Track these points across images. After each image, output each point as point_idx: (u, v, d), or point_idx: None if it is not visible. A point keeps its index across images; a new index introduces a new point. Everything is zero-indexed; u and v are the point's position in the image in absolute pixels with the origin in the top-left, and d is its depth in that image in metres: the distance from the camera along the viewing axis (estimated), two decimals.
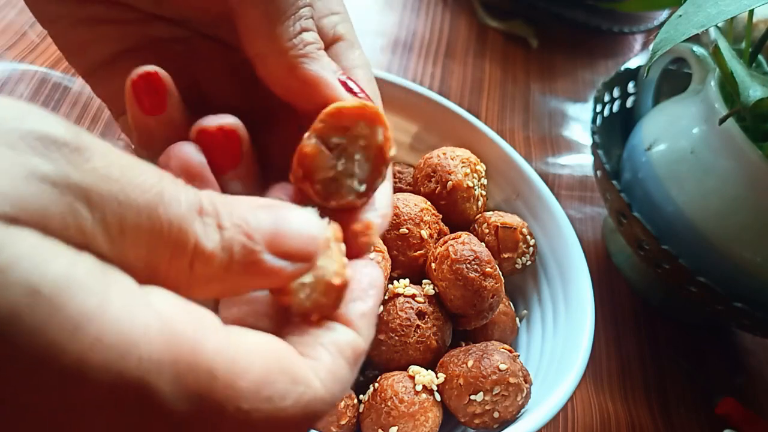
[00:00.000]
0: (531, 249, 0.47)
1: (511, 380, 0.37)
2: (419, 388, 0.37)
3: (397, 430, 0.36)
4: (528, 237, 0.47)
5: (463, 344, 0.41)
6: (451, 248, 0.40)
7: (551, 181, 0.69)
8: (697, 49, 0.56)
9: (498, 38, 0.84)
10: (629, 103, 0.65)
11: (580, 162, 0.73)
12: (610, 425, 0.52)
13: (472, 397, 0.37)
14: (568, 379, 0.38)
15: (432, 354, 0.39)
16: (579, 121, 0.79)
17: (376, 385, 0.38)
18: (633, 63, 0.84)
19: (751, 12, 0.53)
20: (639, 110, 0.63)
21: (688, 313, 0.61)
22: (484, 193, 0.49)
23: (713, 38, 0.53)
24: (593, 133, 0.59)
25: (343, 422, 0.36)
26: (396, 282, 0.40)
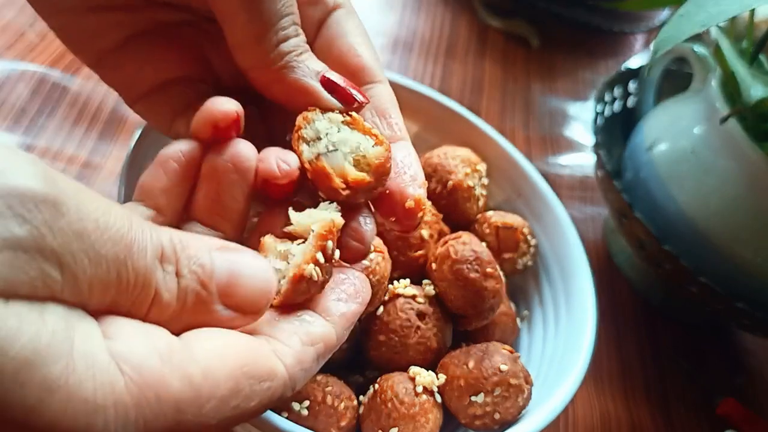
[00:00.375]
0: (532, 249, 0.47)
1: (512, 381, 0.36)
2: (420, 389, 0.37)
3: (398, 431, 0.36)
4: (529, 237, 0.47)
5: (464, 345, 0.41)
6: (451, 248, 0.40)
7: (552, 181, 0.68)
8: (699, 48, 0.56)
9: (498, 38, 0.84)
10: (630, 102, 0.65)
11: (580, 162, 0.73)
12: (610, 425, 0.52)
13: (472, 398, 0.36)
14: (569, 381, 0.38)
15: (432, 355, 0.39)
16: (580, 121, 0.79)
17: (376, 386, 0.38)
18: (634, 62, 0.83)
19: (752, 11, 0.52)
20: (640, 110, 0.63)
21: (689, 313, 0.61)
22: (484, 193, 0.48)
23: (714, 38, 0.53)
24: (594, 132, 0.59)
25: (343, 423, 0.36)
26: (396, 282, 0.40)
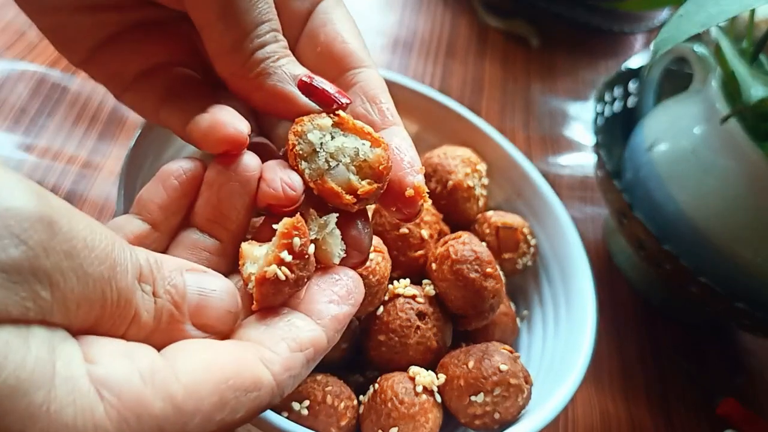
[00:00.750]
0: (532, 249, 0.47)
1: (512, 381, 0.36)
2: (420, 389, 0.37)
3: (398, 431, 0.36)
4: (529, 237, 0.47)
5: (464, 345, 0.41)
6: (451, 248, 0.40)
7: (552, 181, 0.68)
8: (699, 48, 0.56)
9: (498, 38, 0.84)
10: (630, 102, 0.65)
11: (580, 162, 0.73)
12: (610, 425, 0.52)
13: (472, 398, 0.36)
14: (569, 380, 0.38)
15: (432, 355, 0.39)
16: (580, 121, 0.79)
17: (376, 386, 0.38)
18: (634, 62, 0.83)
19: (752, 11, 0.52)
20: (640, 110, 0.63)
21: (689, 313, 0.61)
22: (484, 193, 0.48)
23: (714, 38, 0.53)
24: (594, 132, 0.59)
25: (343, 423, 0.36)
26: (396, 282, 0.40)
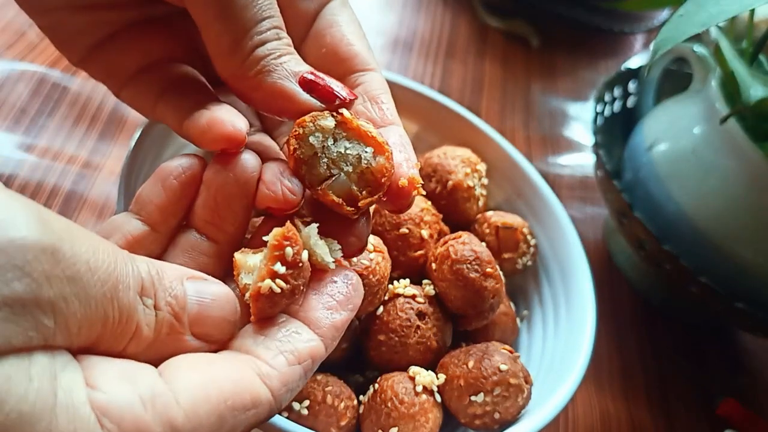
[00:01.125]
0: (532, 249, 0.47)
1: (512, 381, 0.36)
2: (419, 389, 0.37)
3: (398, 431, 0.36)
4: (529, 237, 0.47)
5: (464, 345, 0.41)
6: (451, 248, 0.40)
7: (552, 181, 0.69)
8: (698, 48, 0.56)
9: (498, 38, 0.84)
10: (630, 102, 0.65)
11: (580, 162, 0.73)
12: (610, 425, 0.52)
13: (472, 398, 0.36)
14: (569, 380, 0.38)
15: (432, 354, 0.39)
16: (580, 121, 0.79)
17: (376, 386, 0.38)
18: (634, 62, 0.83)
19: (752, 11, 0.52)
20: (640, 110, 0.63)
21: (689, 314, 0.61)
22: (484, 193, 0.48)
23: (714, 38, 0.53)
24: (594, 132, 0.59)
25: (343, 423, 0.36)
26: (396, 282, 0.40)
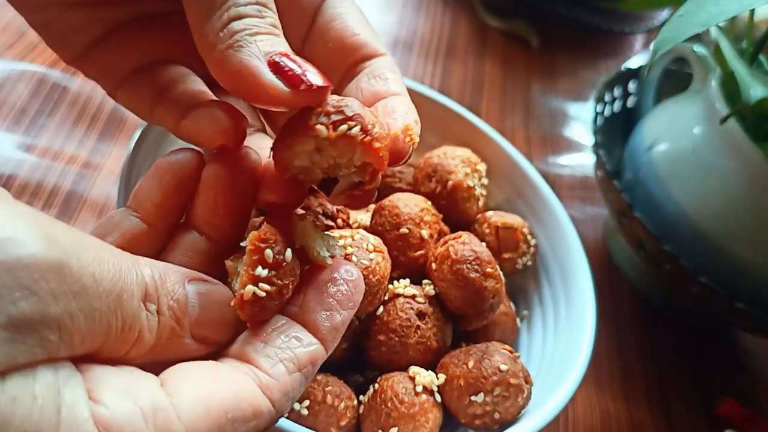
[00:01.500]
0: (532, 249, 0.47)
1: (512, 381, 0.36)
2: (419, 389, 0.37)
3: (398, 431, 0.36)
4: (529, 237, 0.47)
5: (464, 345, 0.41)
6: (451, 248, 0.40)
7: (552, 181, 0.69)
8: (698, 48, 0.56)
9: (498, 38, 0.84)
10: (630, 102, 0.65)
11: (580, 162, 0.73)
12: (610, 425, 0.52)
13: (472, 398, 0.36)
14: (569, 380, 0.38)
15: (432, 354, 0.39)
16: (580, 121, 0.79)
17: (376, 386, 0.38)
18: (634, 62, 0.83)
19: (752, 11, 0.52)
20: (640, 110, 0.63)
21: (689, 313, 0.61)
22: (484, 193, 0.48)
23: (714, 38, 0.53)
24: (594, 132, 0.59)
25: (343, 423, 0.36)
26: (396, 282, 0.40)
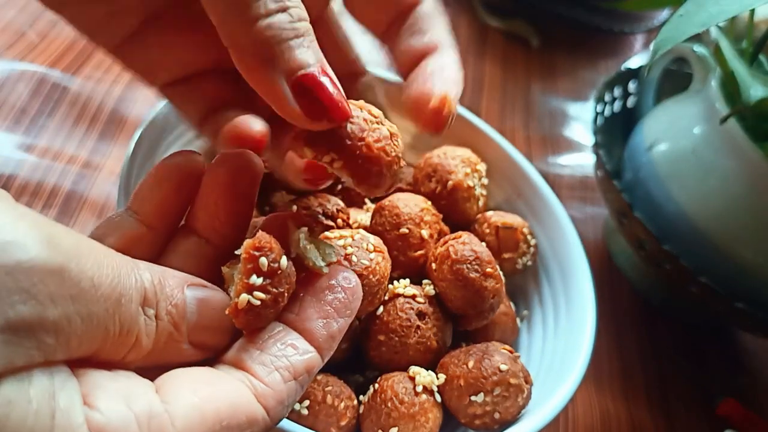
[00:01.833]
0: (532, 249, 0.47)
1: (512, 381, 0.36)
2: (419, 389, 0.37)
3: (398, 431, 0.36)
4: (529, 237, 0.47)
5: (464, 345, 0.41)
6: (451, 248, 0.40)
7: (552, 181, 0.68)
8: (698, 48, 0.56)
9: (498, 38, 0.84)
10: (630, 102, 0.65)
11: (580, 162, 0.73)
12: (610, 425, 0.52)
13: (472, 398, 0.36)
14: (569, 380, 0.38)
15: (432, 355, 0.39)
16: (580, 121, 0.79)
17: (376, 386, 0.38)
18: (634, 62, 0.83)
19: (752, 11, 0.52)
20: (640, 110, 0.63)
21: (689, 314, 0.61)
22: (484, 193, 0.48)
23: (714, 38, 0.53)
24: (594, 132, 0.59)
25: (343, 423, 0.36)
26: (396, 282, 0.40)
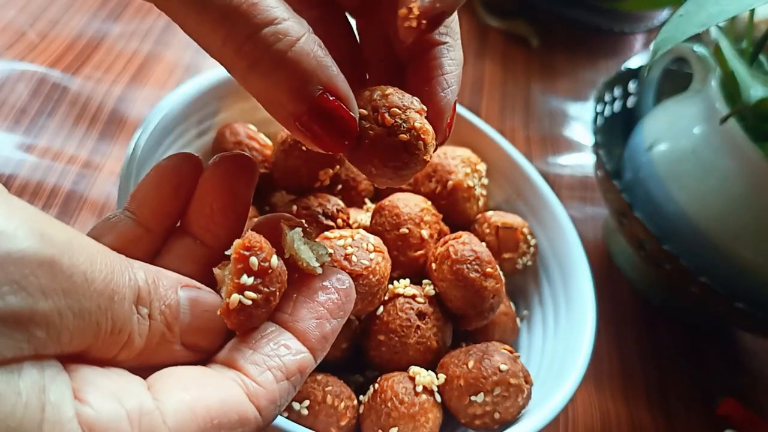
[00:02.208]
0: (532, 249, 0.47)
1: (512, 381, 0.37)
2: (419, 389, 0.37)
3: (398, 431, 0.36)
4: (529, 237, 0.47)
5: (464, 345, 0.41)
6: (451, 248, 0.40)
7: (552, 181, 0.69)
8: (698, 48, 0.56)
9: (499, 38, 0.84)
10: (630, 102, 0.65)
11: (580, 162, 0.73)
12: (610, 425, 0.52)
13: (472, 398, 0.36)
14: (569, 380, 0.38)
15: (432, 355, 0.39)
16: (580, 121, 0.79)
17: (376, 386, 0.38)
18: (634, 62, 0.83)
19: (752, 11, 0.53)
20: (640, 110, 0.63)
21: (690, 313, 0.61)
22: (484, 193, 0.48)
23: (714, 38, 0.53)
24: (594, 132, 0.59)
25: (343, 423, 0.36)
26: (396, 282, 0.40)
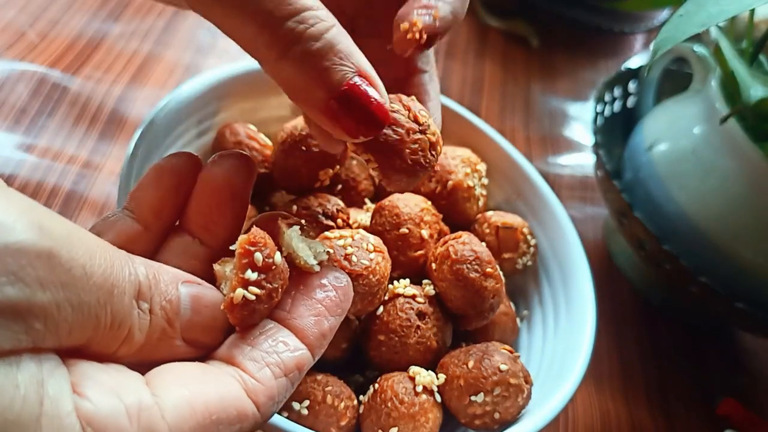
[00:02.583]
0: (532, 249, 0.47)
1: (512, 381, 0.36)
2: (419, 389, 0.37)
3: (398, 431, 0.36)
4: (529, 237, 0.47)
5: (464, 345, 0.41)
6: (451, 248, 0.40)
7: (552, 181, 0.69)
8: (698, 48, 0.56)
9: (499, 38, 0.84)
10: (630, 102, 0.65)
11: (580, 162, 0.73)
12: (610, 425, 0.52)
13: (472, 398, 0.36)
14: (569, 380, 0.38)
15: (432, 355, 0.39)
16: (580, 121, 0.79)
17: (376, 386, 0.38)
18: (634, 62, 0.83)
19: (752, 11, 0.53)
20: (640, 110, 0.63)
21: (690, 313, 0.61)
22: (484, 193, 0.48)
23: (714, 38, 0.53)
24: (594, 132, 0.59)
25: (343, 423, 0.36)
26: (396, 282, 0.40)
